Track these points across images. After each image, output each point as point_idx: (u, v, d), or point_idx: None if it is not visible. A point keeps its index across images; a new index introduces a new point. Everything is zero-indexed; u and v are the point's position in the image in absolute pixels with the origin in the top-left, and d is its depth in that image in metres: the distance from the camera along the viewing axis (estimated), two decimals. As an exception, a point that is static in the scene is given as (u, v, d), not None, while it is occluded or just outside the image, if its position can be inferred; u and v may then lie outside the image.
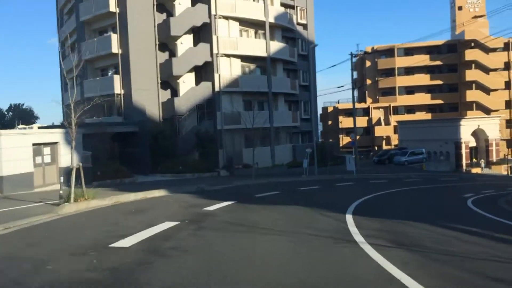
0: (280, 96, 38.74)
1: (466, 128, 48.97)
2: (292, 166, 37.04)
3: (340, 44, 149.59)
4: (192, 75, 34.18)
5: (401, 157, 48.57)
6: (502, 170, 49.65)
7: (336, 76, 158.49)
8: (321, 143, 37.15)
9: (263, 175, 29.93)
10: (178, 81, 33.52)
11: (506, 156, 53.11)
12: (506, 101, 57.83)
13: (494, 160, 50.47)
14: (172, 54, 33.14)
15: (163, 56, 33.09)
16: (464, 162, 48.81)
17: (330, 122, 66.92)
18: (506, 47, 57.83)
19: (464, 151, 48.82)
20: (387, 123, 62.05)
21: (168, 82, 33.66)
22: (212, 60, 33.34)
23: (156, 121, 32.03)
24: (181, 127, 32.54)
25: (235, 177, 29.88)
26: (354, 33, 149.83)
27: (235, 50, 34.18)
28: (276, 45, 37.14)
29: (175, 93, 33.73)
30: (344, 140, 63.43)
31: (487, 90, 57.54)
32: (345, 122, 59.46)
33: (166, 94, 33.46)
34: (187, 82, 33.56)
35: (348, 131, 58.06)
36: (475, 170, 48.62)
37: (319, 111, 56.01)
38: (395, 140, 59.88)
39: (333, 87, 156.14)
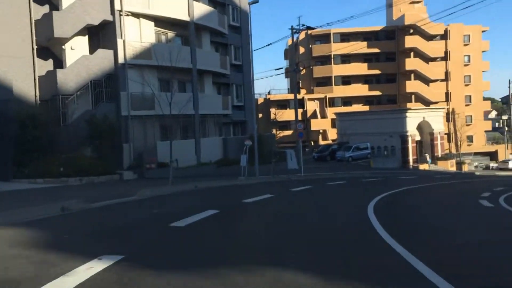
0: (207, 76, 30.42)
1: (412, 120, 44.33)
2: (223, 165, 28.98)
3: (275, 26, 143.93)
4: (85, 39, 24.66)
5: (344, 152, 42.66)
6: (448, 165, 45.81)
7: (272, 60, 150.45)
8: (259, 136, 29.49)
9: (185, 178, 21.66)
10: (63, 46, 23.83)
11: (450, 151, 49.56)
12: (446, 93, 54.78)
13: (440, 155, 46.55)
14: (55, 7, 23.39)
15: (42, 10, 23.24)
16: (411, 157, 44.14)
17: (260, 115, 59.75)
18: (446, 35, 54.78)
19: (410, 146, 44.14)
20: (324, 115, 56.35)
21: (49, 48, 23.85)
22: (114, 19, 24.10)
23: (30, 103, 22.13)
24: (67, 112, 22.92)
25: (145, 181, 21.12)
26: (290, 16, 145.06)
27: (147, 9, 25.25)
28: (201, 8, 28.69)
29: (59, 64, 24.02)
30: (279, 134, 56.57)
31: (427, 81, 54.13)
32: (279, 115, 52.47)
33: (46, 65, 23.64)
34: (77, 49, 23.99)
35: (281, 125, 51.35)
36: (422, 166, 44.13)
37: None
38: (332, 134, 54.25)
39: (270, 69, 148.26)
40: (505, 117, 60.76)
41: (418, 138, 45.88)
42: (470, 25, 55.22)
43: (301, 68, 44.09)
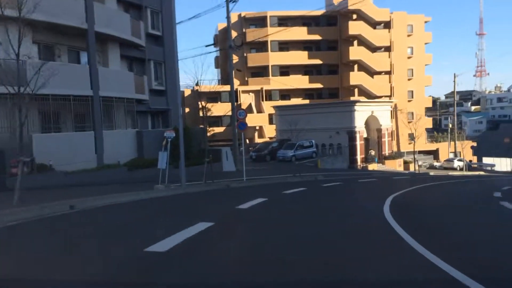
0: (112, 45, 22.37)
1: (361, 115, 39.32)
2: (138, 167, 21.25)
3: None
4: None
5: (287, 151, 36.44)
6: (396, 165, 41.51)
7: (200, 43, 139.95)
8: (186, 129, 22.19)
9: (75, 188, 13.92)
10: None
11: (393, 150, 45.42)
12: (392, 86, 50.86)
13: (387, 154, 42.14)
14: None
15: None
16: (359, 156, 39.10)
17: (187, 110, 52.01)
18: (390, 23, 50.85)
19: (358, 143, 39.10)
20: (260, 110, 49.94)
21: None
22: None
23: None
24: None
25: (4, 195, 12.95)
26: None
27: None
28: None
29: None
30: (210, 131, 49.27)
31: (371, 73, 49.87)
32: (211, 108, 45.06)
33: None
34: None
35: (213, 121, 44.21)
36: (371, 166, 39.27)
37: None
38: (270, 131, 48.00)
39: (198, 46, 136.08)
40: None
41: (365, 135, 41.11)
42: (414, 14, 51.95)
43: (237, 46, 37.06)
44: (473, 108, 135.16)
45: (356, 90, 49.99)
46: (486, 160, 52.42)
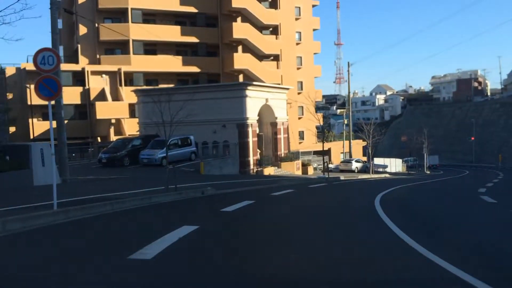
0: None
1: (254, 103, 29.99)
2: None
3: None
4: None
5: (154, 151, 25.17)
6: (294, 168, 33.24)
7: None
8: None
9: None
10: None
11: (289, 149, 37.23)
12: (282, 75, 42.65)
13: (283, 154, 33.62)
14: None
15: None
16: (251, 158, 29.66)
17: (10, 96, 37.05)
18: (276, 1, 42.79)
19: (251, 140, 29.70)
20: (117, 97, 37.42)
21: None
22: None
23: None
24: None
25: None
26: None
27: None
28: None
29: None
30: (38, 127, 35.11)
31: (259, 56, 41.16)
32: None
33: None
34: None
35: (45, 112, 30.74)
36: (267, 171, 30.24)
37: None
38: (131, 127, 35.93)
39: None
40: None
41: (258, 130, 31.99)
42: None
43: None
44: (338, 111, 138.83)
45: (241, 76, 40.76)
46: (377, 160, 47.79)
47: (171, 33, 39.17)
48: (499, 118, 79.45)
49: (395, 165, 49.54)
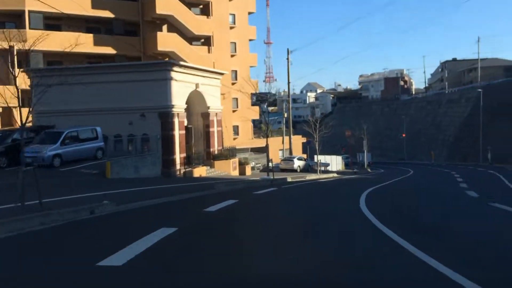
0: None
1: (181, 88, 24.20)
2: None
3: None
4: None
5: (43, 147, 18.57)
6: (230, 168, 27.99)
7: None
8: None
9: None
10: None
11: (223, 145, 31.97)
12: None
13: (216, 151, 28.21)
14: None
15: None
16: (178, 155, 23.87)
17: None
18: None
19: (178, 133, 23.90)
20: (7, 81, 29.55)
21: None
22: None
23: None
24: None
25: None
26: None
27: None
28: None
29: None
30: None
31: (188, 38, 35.17)
32: None
33: None
34: None
35: None
36: (199, 171, 24.66)
37: None
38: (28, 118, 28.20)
39: None
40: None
41: (187, 122, 26.29)
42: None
43: None
44: (270, 109, 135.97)
45: (167, 59, 34.44)
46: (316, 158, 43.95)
47: (80, 4, 31.99)
48: (427, 115, 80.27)
49: (335, 163, 46.14)
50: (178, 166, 23.39)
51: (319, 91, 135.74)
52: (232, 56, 40.97)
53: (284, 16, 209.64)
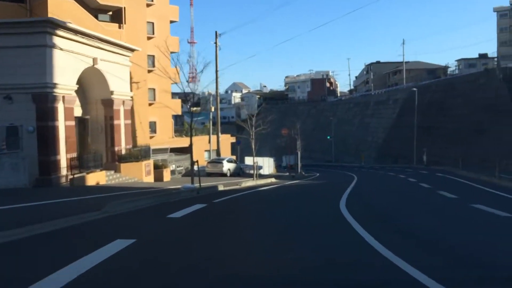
0: None
1: (70, 60, 17.20)
2: None
3: None
4: None
5: None
6: (143, 172, 21.35)
7: None
8: None
9: None
10: None
11: (133, 144, 25.37)
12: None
13: (123, 151, 21.42)
14: None
15: None
16: (64, 156, 16.84)
17: None
18: None
19: (63, 124, 16.87)
20: None
21: None
22: None
23: None
24: None
25: None
26: None
27: None
28: None
29: None
30: None
31: (91, 9, 27.53)
32: None
33: None
34: None
35: None
36: (96, 178, 17.77)
37: None
38: None
39: None
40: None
41: (81, 112, 19.28)
42: None
43: None
44: (194, 109, 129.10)
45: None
46: (249, 160, 38.68)
47: None
48: (354, 117, 78.89)
49: (268, 165, 41.05)
50: (62, 172, 16.42)
51: (245, 91, 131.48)
52: (149, 38, 34.18)
53: (207, 13, 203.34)
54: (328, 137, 73.52)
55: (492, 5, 78.29)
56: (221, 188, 17.28)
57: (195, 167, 20.03)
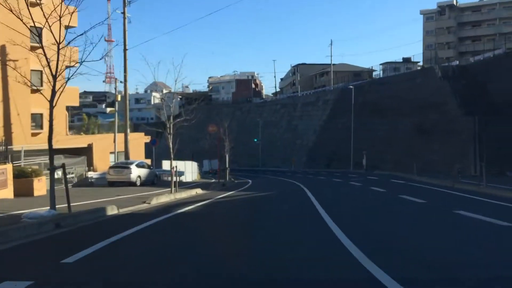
0: None
1: None
2: None
3: None
4: None
5: None
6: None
7: None
8: None
9: None
10: None
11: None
12: None
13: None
14: None
15: None
16: None
17: None
18: None
19: None
20: None
21: None
22: None
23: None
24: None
25: None
26: None
27: None
28: None
29: None
30: None
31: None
32: None
33: None
34: None
35: None
36: None
37: None
38: None
39: None
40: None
41: None
42: None
43: None
44: (108, 110, 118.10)
45: None
46: (167, 165, 31.61)
47: None
48: (281, 119, 74.66)
49: (191, 170, 34.35)
50: None
51: (165, 91, 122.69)
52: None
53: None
54: (255, 140, 68.53)
55: (420, 7, 78.73)
56: (112, 211, 10.38)
57: (91, 174, 12.79)
